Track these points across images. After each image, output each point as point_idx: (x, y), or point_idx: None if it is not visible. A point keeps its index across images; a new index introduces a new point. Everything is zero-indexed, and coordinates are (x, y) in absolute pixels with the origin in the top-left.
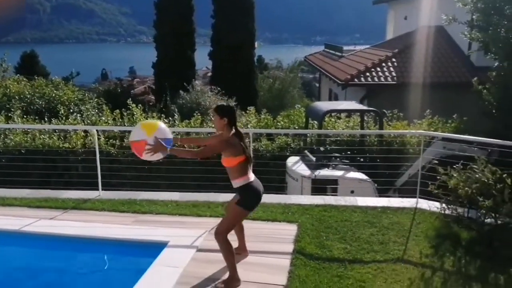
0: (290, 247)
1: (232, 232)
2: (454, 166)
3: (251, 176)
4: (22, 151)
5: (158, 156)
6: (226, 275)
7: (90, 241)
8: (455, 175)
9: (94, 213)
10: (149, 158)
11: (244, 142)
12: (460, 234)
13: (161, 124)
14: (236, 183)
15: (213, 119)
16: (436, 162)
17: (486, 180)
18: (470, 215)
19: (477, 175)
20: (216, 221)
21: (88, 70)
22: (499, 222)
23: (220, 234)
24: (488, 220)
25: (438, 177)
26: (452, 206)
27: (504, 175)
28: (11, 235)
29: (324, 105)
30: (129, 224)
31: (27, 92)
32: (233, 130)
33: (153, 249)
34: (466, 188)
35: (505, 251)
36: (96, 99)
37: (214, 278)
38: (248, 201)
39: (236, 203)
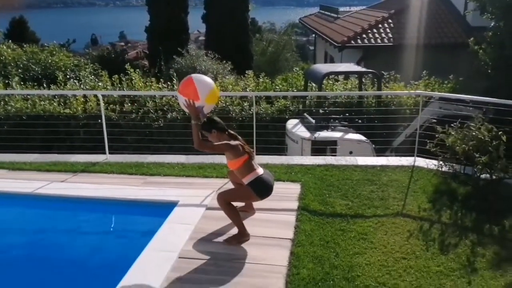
0: (294, 204)
1: None
2: (452, 125)
3: (260, 171)
4: (24, 117)
5: (183, 106)
6: (236, 230)
7: (103, 201)
8: (452, 133)
9: (104, 175)
10: (180, 100)
11: (241, 141)
12: (456, 190)
13: (213, 87)
14: (247, 180)
15: (208, 138)
16: (434, 121)
17: (482, 138)
18: (466, 172)
19: (473, 133)
20: (223, 181)
21: (77, 35)
22: (494, 177)
23: (221, 200)
24: (483, 176)
25: (435, 136)
26: (449, 163)
27: (500, 133)
28: (25, 198)
29: (323, 67)
30: (138, 185)
31: (24, 59)
32: (226, 135)
33: (164, 208)
34: (463, 146)
35: (499, 204)
36: (91, 65)
37: (224, 233)
38: (260, 193)
39: (248, 184)
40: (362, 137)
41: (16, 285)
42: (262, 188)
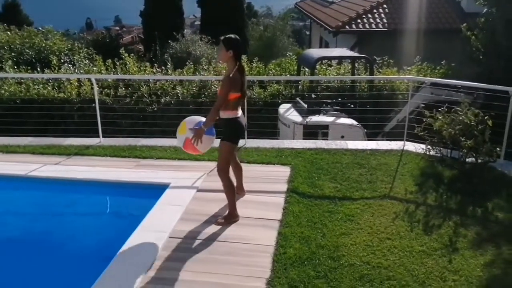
0: (284, 187)
1: (232, 174)
2: (439, 110)
3: (239, 112)
4: (17, 101)
5: (207, 139)
6: (226, 212)
7: (96, 183)
8: (440, 117)
9: (97, 158)
10: (204, 147)
11: (244, 78)
12: (443, 173)
13: (186, 119)
14: (225, 115)
15: (219, 52)
16: (423, 106)
17: (468, 122)
18: (453, 155)
19: (460, 118)
20: (214, 164)
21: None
22: (479, 161)
23: (222, 170)
24: (469, 160)
25: (424, 121)
26: (436, 147)
27: (486, 117)
28: (18, 180)
29: (316, 52)
30: (131, 168)
31: (17, 42)
32: (237, 65)
33: (156, 190)
34: (450, 130)
35: (483, 187)
36: (86, 49)
37: (214, 214)
38: (232, 135)
39: (222, 140)
40: (354, 122)
41: (12, 263)
42: (235, 131)
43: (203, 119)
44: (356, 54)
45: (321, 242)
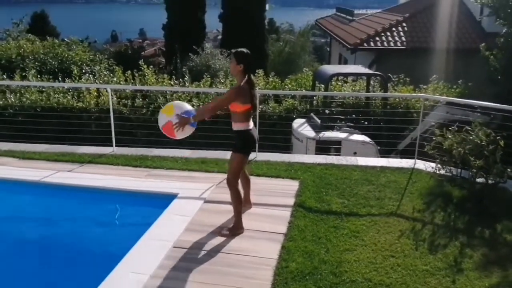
0: (291, 201)
1: (240, 186)
2: (450, 128)
3: (251, 124)
4: (38, 109)
5: (188, 129)
6: (231, 224)
7: (106, 191)
8: (450, 136)
9: (109, 167)
10: (182, 135)
11: (253, 90)
12: (452, 192)
13: (176, 102)
14: (236, 127)
15: (231, 65)
16: (433, 125)
17: (478, 142)
18: (463, 175)
19: (471, 137)
20: (223, 176)
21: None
22: (489, 181)
23: (231, 182)
24: (479, 180)
25: (434, 139)
26: (446, 166)
27: (498, 138)
28: (32, 185)
29: (330, 68)
30: (141, 177)
31: (41, 52)
32: (246, 77)
33: (164, 200)
34: (460, 149)
35: (493, 208)
36: (107, 60)
37: (220, 225)
38: (244, 146)
39: (233, 151)
40: (367, 139)
41: (21, 266)
42: (247, 143)
43: (191, 108)
44: (370, 71)
45: (324, 257)
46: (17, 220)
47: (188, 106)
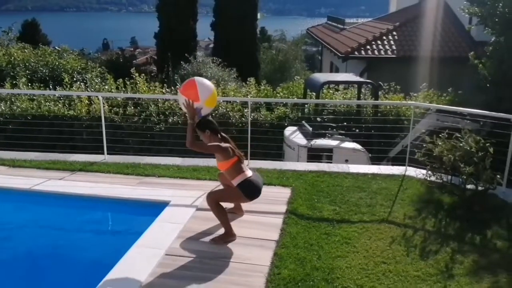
0: (283, 208)
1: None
2: (440, 136)
3: (249, 173)
4: (28, 117)
5: (182, 106)
6: (223, 231)
7: (97, 199)
8: (440, 143)
9: (100, 175)
10: (180, 100)
11: (232, 144)
12: (443, 199)
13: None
14: (236, 181)
15: (200, 137)
16: (423, 132)
17: (468, 148)
18: (453, 182)
19: (461, 144)
20: (215, 184)
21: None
22: (479, 188)
23: (211, 200)
24: (469, 186)
25: (424, 146)
26: (437, 173)
27: (487, 144)
28: (21, 194)
29: (321, 76)
30: (133, 185)
31: (32, 60)
32: (219, 137)
33: (156, 207)
34: (450, 156)
35: (483, 215)
36: (99, 68)
37: (211, 233)
38: (249, 194)
39: (238, 185)
40: (358, 146)
41: (11, 275)
42: (250, 190)
43: (202, 109)
44: (361, 79)
45: (316, 264)
46: (6, 229)
47: (205, 112)
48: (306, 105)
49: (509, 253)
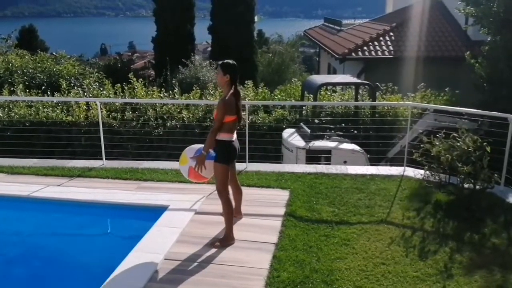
0: (281, 210)
1: (232, 197)
2: (437, 135)
3: (234, 136)
4: (27, 123)
5: (209, 164)
6: (222, 235)
7: (96, 205)
8: (437, 143)
9: (99, 180)
10: (208, 174)
11: (239, 102)
12: (441, 199)
13: (185, 150)
14: (220, 137)
15: (217, 76)
16: (421, 132)
17: (465, 148)
18: (451, 181)
19: (458, 144)
20: (213, 187)
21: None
22: (477, 187)
23: (221, 192)
24: (467, 186)
25: (422, 147)
26: (435, 173)
27: (484, 143)
28: (20, 200)
29: (319, 78)
30: (132, 190)
31: (30, 67)
32: (232, 89)
33: (155, 212)
34: (447, 155)
35: (481, 214)
36: (96, 74)
37: (210, 237)
38: (224, 156)
39: (215, 161)
40: (356, 147)
41: (10, 283)
42: (228, 152)
43: (200, 145)
44: (358, 80)
45: (316, 266)
46: (5, 236)
47: (197, 146)
48: (304, 107)
49: (508, 251)
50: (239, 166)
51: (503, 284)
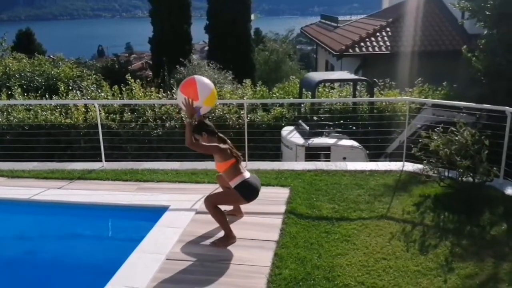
0: (282, 208)
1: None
2: (436, 130)
3: (246, 174)
4: (26, 127)
5: (182, 104)
6: (223, 233)
7: (97, 207)
8: (436, 138)
9: (99, 182)
10: (179, 98)
11: (230, 145)
12: (440, 193)
13: (207, 86)
14: (234, 183)
15: (201, 141)
16: (420, 127)
17: (464, 142)
18: (450, 175)
19: (456, 138)
20: (214, 187)
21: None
22: (476, 180)
23: (209, 203)
24: (466, 179)
25: (420, 141)
26: (434, 167)
27: (483, 137)
28: (21, 204)
29: (316, 75)
30: (132, 191)
31: (27, 70)
32: (217, 138)
33: (155, 212)
34: (446, 150)
35: (480, 207)
36: (94, 76)
37: (211, 236)
38: (247, 195)
39: (235, 187)
40: (355, 143)
41: (12, 286)
42: (248, 191)
43: (201, 109)
44: (355, 77)
45: (317, 262)
46: (7, 239)
47: (204, 110)
48: (302, 105)
49: (508, 244)
50: None
51: (504, 276)
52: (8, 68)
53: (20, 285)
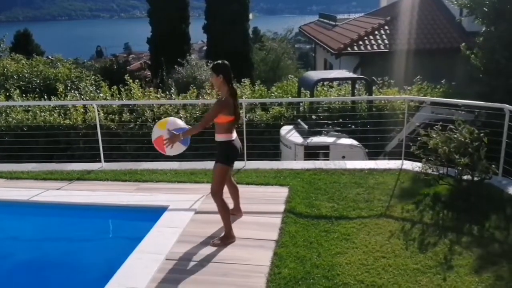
0: (281, 207)
1: (228, 195)
2: (434, 128)
3: (234, 135)
4: (24, 128)
5: (178, 147)
6: (223, 233)
7: (96, 207)
8: (434, 136)
9: (98, 183)
10: (172, 152)
11: (236, 101)
12: (439, 191)
13: (171, 118)
14: (220, 138)
15: (211, 79)
16: (418, 125)
17: (463, 140)
18: (449, 173)
19: (455, 135)
20: None
21: (82, 47)
22: (475, 178)
23: (216, 193)
24: (465, 177)
25: (419, 139)
26: (433, 165)
27: (481, 135)
28: (21, 205)
29: (315, 74)
30: (131, 191)
31: (25, 71)
32: (228, 88)
33: (155, 213)
34: (445, 148)
35: (480, 205)
36: (93, 76)
37: (211, 236)
38: (227, 157)
39: (216, 162)
40: (354, 142)
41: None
42: (230, 153)
43: (184, 126)
44: (354, 75)
45: (316, 261)
46: (6, 241)
47: (182, 124)
48: (301, 104)
49: (507, 242)
50: (237, 165)
51: (503, 274)
52: (6, 69)
53: (20, 285)
